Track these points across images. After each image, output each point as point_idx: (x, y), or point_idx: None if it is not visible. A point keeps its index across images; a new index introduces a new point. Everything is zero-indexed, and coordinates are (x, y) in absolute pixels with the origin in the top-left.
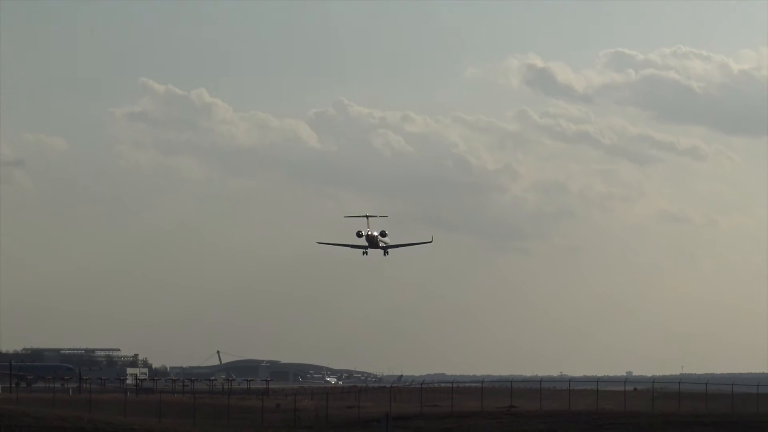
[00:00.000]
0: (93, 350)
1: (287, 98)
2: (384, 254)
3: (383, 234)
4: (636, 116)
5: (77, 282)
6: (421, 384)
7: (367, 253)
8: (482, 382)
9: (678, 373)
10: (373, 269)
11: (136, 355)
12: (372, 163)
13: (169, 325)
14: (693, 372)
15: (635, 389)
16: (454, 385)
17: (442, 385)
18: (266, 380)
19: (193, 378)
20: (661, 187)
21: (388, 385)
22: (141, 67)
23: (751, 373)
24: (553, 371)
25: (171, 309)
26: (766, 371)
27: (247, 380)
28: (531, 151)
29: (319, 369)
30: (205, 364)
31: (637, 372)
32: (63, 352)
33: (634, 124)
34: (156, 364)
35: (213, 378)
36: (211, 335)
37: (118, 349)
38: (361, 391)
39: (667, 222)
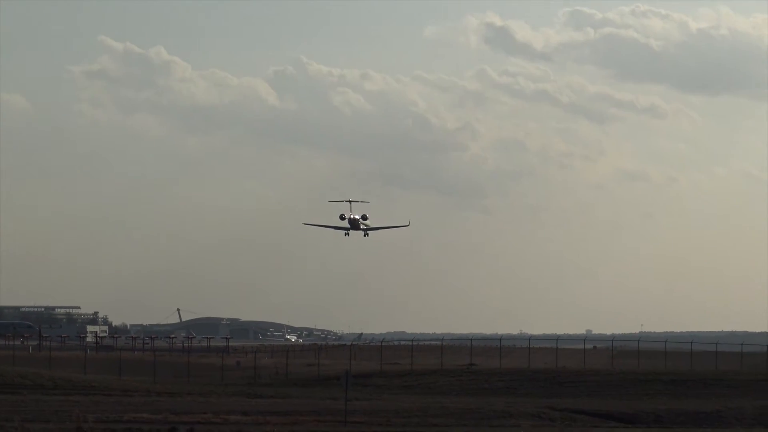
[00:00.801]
0: (53, 308)
1: (246, 56)
2: (364, 235)
3: (364, 218)
4: (595, 75)
5: (36, 240)
6: (381, 342)
7: (348, 234)
8: (442, 340)
9: (637, 331)
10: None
11: (96, 313)
12: (332, 121)
13: (129, 283)
14: (652, 330)
15: (595, 347)
16: (414, 343)
17: (402, 343)
18: (226, 338)
19: (153, 336)
20: (620, 145)
21: (348, 343)
22: (99, 25)
23: (710, 332)
24: (513, 329)
25: (131, 267)
26: (724, 330)
27: (207, 338)
28: (490, 110)
29: (279, 327)
30: (165, 322)
31: (597, 330)
32: (23, 309)
33: (593, 83)
34: (116, 321)
35: (173, 336)
36: (171, 293)
37: (78, 307)
38: (321, 349)
39: (626, 180)
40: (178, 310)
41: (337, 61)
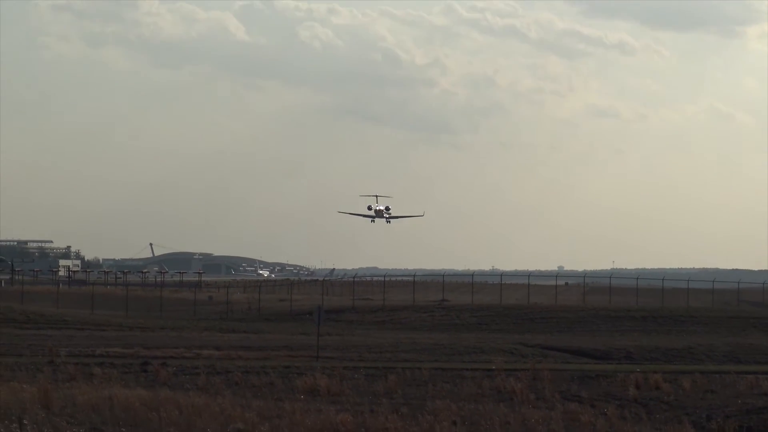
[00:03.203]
0: (25, 242)
1: None
2: (387, 222)
3: (387, 209)
4: (563, 10)
5: (8, 174)
6: (354, 277)
7: (374, 221)
8: (414, 276)
9: (609, 268)
10: (308, 164)
11: (68, 247)
12: (300, 56)
13: (102, 217)
14: (623, 267)
15: (566, 284)
16: (387, 278)
17: (375, 278)
18: (198, 273)
19: (125, 270)
20: (589, 81)
21: (321, 279)
22: None
23: (681, 268)
24: (485, 266)
25: (103, 201)
26: (695, 267)
27: (179, 273)
28: (459, 46)
29: (251, 262)
30: (137, 257)
31: (569, 267)
32: None
33: (561, 19)
34: (88, 256)
35: (145, 270)
36: (143, 228)
37: (51, 241)
38: (293, 284)
39: (596, 116)
40: (151, 244)
41: None
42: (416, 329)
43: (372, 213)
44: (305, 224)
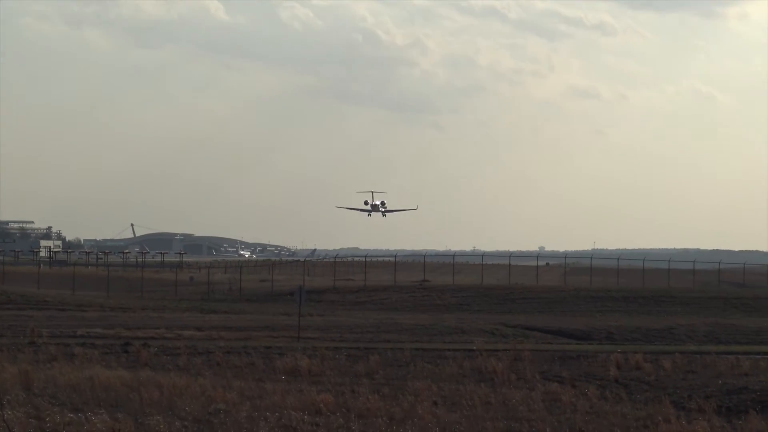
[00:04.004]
0: (6, 222)
1: None
2: (383, 215)
3: (383, 204)
4: None
5: None
6: (335, 258)
7: (371, 214)
8: (395, 256)
9: (590, 248)
10: (288, 145)
11: (49, 228)
12: (281, 36)
13: (83, 198)
14: (604, 248)
15: (547, 264)
16: (368, 259)
17: (356, 259)
18: (180, 253)
19: (106, 251)
20: (570, 62)
21: (302, 259)
22: None
23: (662, 249)
24: (466, 246)
25: (84, 182)
26: (676, 247)
27: (161, 253)
28: (439, 26)
29: (232, 242)
30: (118, 237)
31: (550, 247)
32: None
33: None
34: (69, 236)
35: (127, 251)
36: (125, 208)
37: (32, 222)
38: (274, 264)
39: (576, 97)
40: (132, 225)
41: None
42: (397, 310)
43: (368, 207)
44: (286, 205)
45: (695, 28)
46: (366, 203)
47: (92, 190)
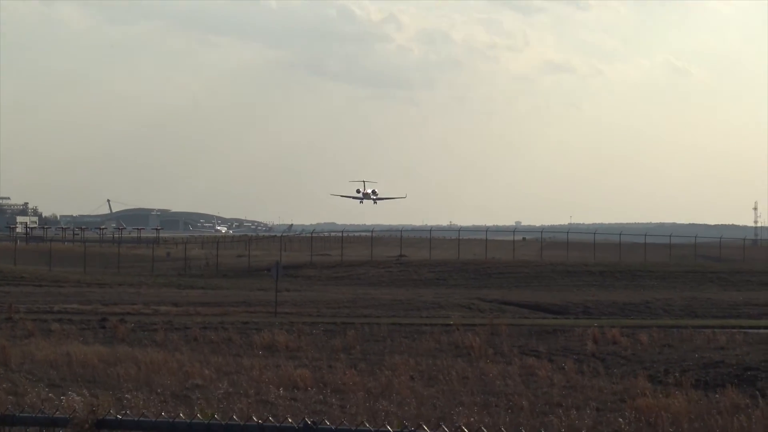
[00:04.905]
0: None
1: None
2: (374, 203)
3: (374, 192)
4: None
5: None
6: (312, 233)
7: (362, 201)
8: (372, 231)
9: (566, 222)
10: (264, 121)
11: (25, 204)
12: (256, 12)
13: (59, 174)
14: (581, 222)
15: (524, 239)
16: (345, 234)
17: (333, 234)
18: (156, 229)
19: (83, 227)
20: (544, 37)
21: (279, 234)
22: None
23: (638, 223)
24: (442, 221)
25: (60, 157)
26: (653, 221)
27: (137, 229)
28: (414, 1)
29: (209, 218)
30: (95, 213)
31: (526, 222)
32: None
33: None
34: (46, 212)
35: (103, 227)
36: (101, 184)
37: (8, 198)
38: (251, 240)
39: (552, 71)
40: (108, 201)
41: None
42: (374, 285)
43: (360, 195)
44: (262, 180)
45: (670, 2)
46: (358, 191)
47: (68, 166)
